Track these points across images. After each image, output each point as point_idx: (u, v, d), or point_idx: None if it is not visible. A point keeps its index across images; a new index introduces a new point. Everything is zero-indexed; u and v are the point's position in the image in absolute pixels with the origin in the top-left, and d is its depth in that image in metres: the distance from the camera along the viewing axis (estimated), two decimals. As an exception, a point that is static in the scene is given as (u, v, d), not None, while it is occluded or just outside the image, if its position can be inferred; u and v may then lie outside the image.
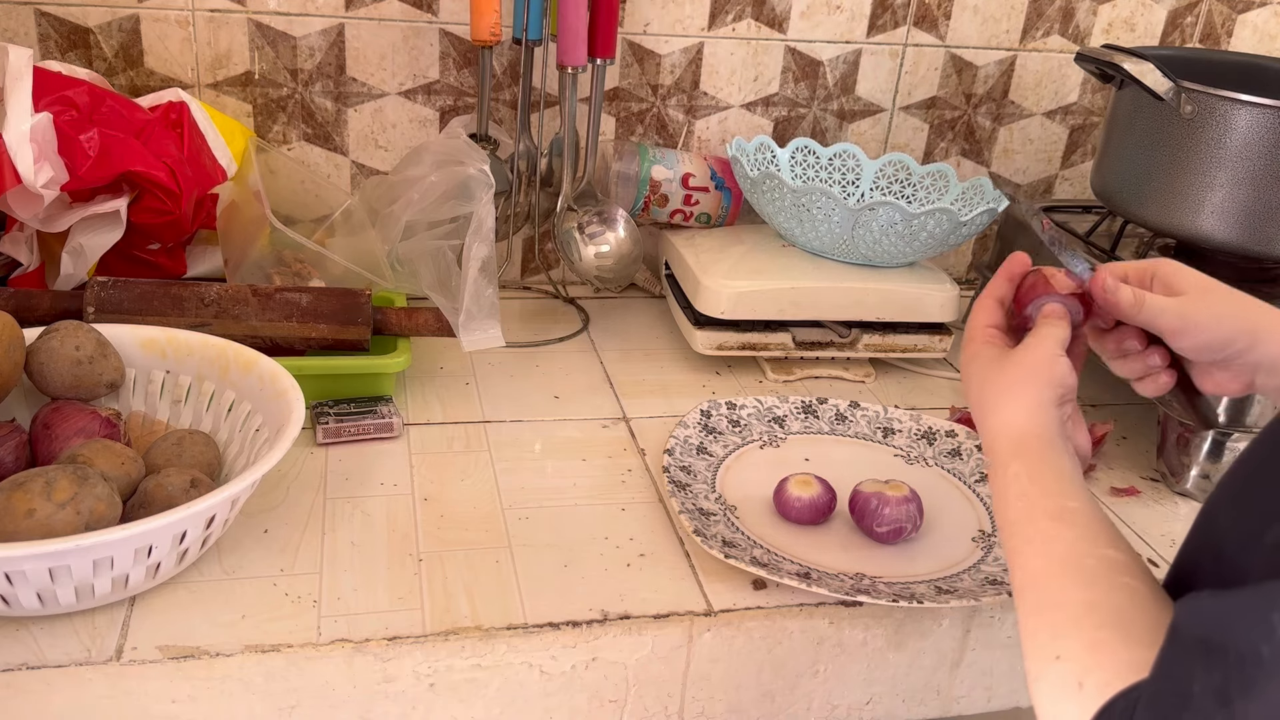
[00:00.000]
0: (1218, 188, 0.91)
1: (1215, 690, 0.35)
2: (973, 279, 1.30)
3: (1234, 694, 0.34)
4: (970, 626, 0.75)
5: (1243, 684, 0.34)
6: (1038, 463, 0.56)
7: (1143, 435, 0.98)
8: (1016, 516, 0.54)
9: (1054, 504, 0.53)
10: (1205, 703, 0.35)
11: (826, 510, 0.79)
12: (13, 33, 0.99)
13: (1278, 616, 0.34)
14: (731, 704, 0.73)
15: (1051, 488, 0.54)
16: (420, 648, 0.66)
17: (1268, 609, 0.34)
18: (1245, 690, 0.34)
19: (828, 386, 1.03)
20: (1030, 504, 0.54)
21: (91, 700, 0.62)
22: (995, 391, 0.61)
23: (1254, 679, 0.34)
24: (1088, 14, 1.22)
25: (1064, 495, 0.54)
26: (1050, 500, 0.54)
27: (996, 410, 0.60)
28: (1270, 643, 0.34)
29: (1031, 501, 0.54)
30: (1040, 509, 0.53)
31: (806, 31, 1.15)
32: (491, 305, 0.90)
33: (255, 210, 0.92)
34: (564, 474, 0.85)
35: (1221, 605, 0.37)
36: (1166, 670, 0.38)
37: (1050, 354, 0.61)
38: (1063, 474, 0.55)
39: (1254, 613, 0.35)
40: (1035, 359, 0.61)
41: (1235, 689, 0.34)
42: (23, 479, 0.62)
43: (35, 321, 0.81)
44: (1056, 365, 0.60)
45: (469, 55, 1.09)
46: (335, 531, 0.75)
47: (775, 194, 1.00)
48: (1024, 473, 0.56)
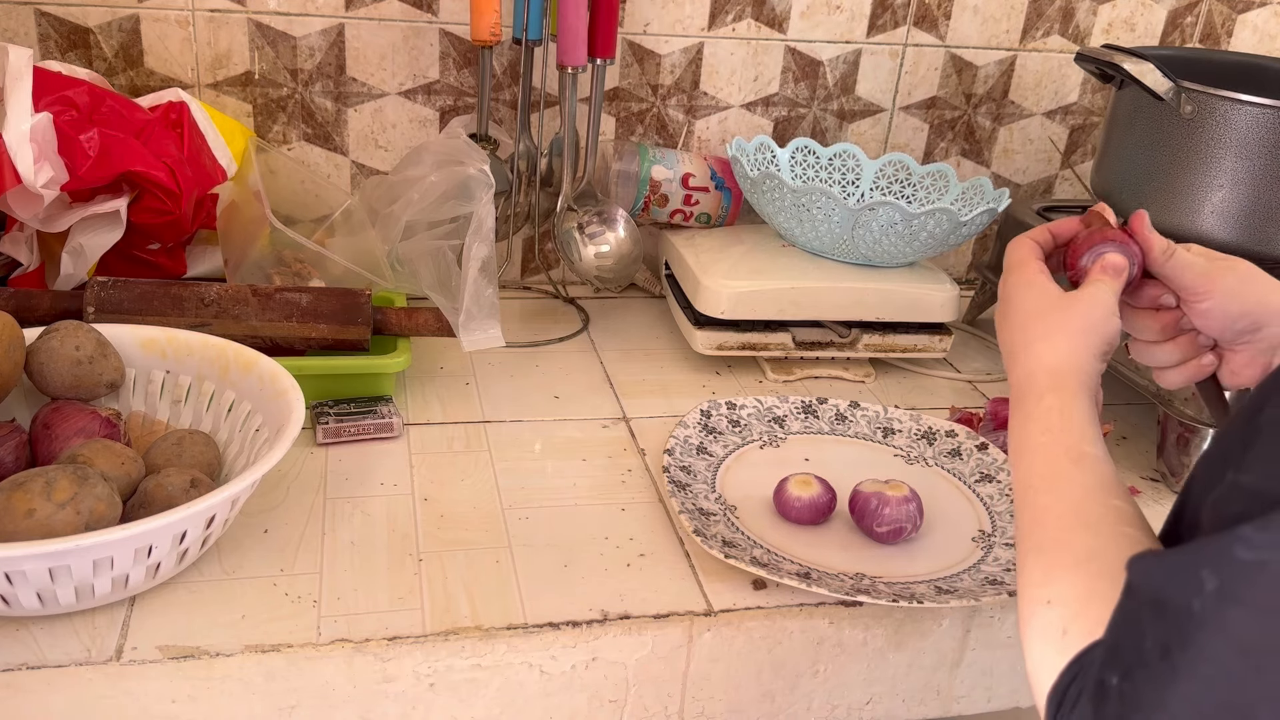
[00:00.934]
0: (1218, 188, 0.91)
1: (1160, 644, 0.37)
2: (973, 279, 1.30)
3: (1173, 646, 0.36)
4: (970, 626, 0.75)
5: (1180, 637, 0.36)
6: (1071, 401, 0.56)
7: (1143, 435, 0.98)
8: (1036, 450, 0.55)
9: (1075, 445, 0.54)
10: (1152, 656, 0.37)
11: (826, 510, 0.79)
12: (13, 33, 0.99)
13: (1207, 572, 0.36)
14: (731, 704, 0.73)
15: (1077, 429, 0.55)
16: (420, 648, 0.66)
17: (1199, 565, 0.36)
18: (1182, 643, 0.36)
19: (828, 386, 1.03)
20: (1054, 440, 0.55)
21: (91, 700, 0.62)
22: (1046, 325, 0.61)
23: (1188, 632, 0.36)
24: (1088, 14, 1.22)
25: (1085, 440, 0.54)
26: (1073, 440, 0.54)
27: (1044, 340, 0.60)
28: (1200, 597, 0.36)
29: (1055, 438, 0.55)
30: (1062, 448, 0.54)
31: (806, 31, 1.15)
32: (491, 305, 0.90)
33: (255, 210, 0.92)
34: (564, 474, 0.85)
35: (1164, 563, 0.39)
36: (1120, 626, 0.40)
37: (1109, 308, 0.61)
38: (1090, 420, 0.56)
39: (1188, 570, 0.37)
40: (1094, 308, 0.60)
41: (1174, 642, 0.36)
42: (23, 479, 0.62)
43: (35, 321, 0.81)
44: (1111, 321, 0.60)
45: (469, 55, 1.09)
46: (335, 531, 0.75)
47: (775, 194, 1.00)
48: (1056, 407, 0.56)
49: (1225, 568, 0.35)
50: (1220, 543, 0.36)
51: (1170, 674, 0.36)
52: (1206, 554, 0.36)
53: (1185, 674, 0.36)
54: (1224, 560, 0.36)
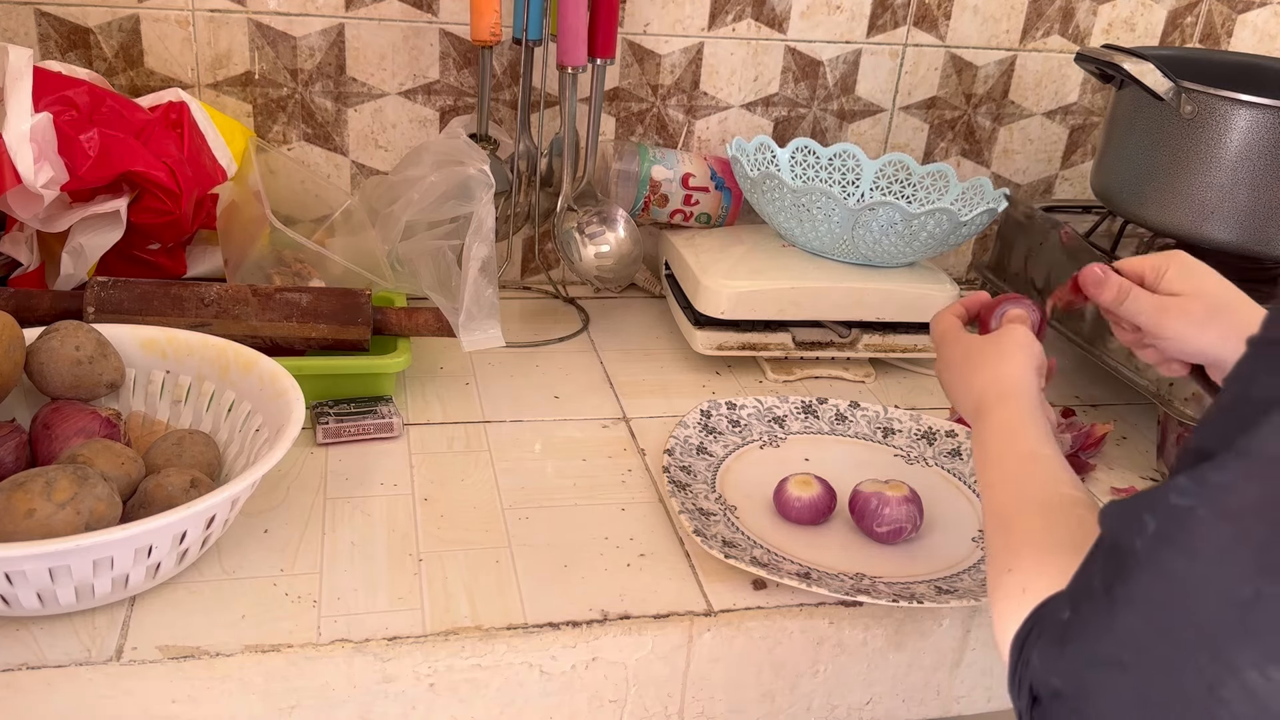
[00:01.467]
0: (1218, 188, 0.91)
1: (1104, 580, 0.41)
2: (973, 279, 1.30)
3: (1115, 582, 0.40)
4: (970, 626, 0.75)
5: (1121, 573, 0.40)
6: (1019, 411, 0.63)
7: (1143, 435, 0.98)
8: (994, 454, 0.61)
9: (1027, 448, 0.60)
10: (1098, 590, 0.41)
11: (826, 510, 0.79)
12: (13, 33, 0.99)
13: (1148, 516, 0.39)
14: (731, 704, 0.73)
15: (1029, 434, 0.61)
16: (420, 648, 0.66)
17: (1142, 510, 0.40)
18: (1123, 578, 0.40)
19: (828, 386, 1.03)
20: (1006, 444, 0.61)
21: (91, 700, 0.62)
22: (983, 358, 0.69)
23: (1128, 568, 0.40)
24: (1088, 14, 1.22)
25: (1037, 442, 0.61)
26: (1026, 444, 0.61)
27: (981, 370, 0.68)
28: (1142, 536, 0.39)
29: (1008, 443, 0.61)
30: (1014, 450, 0.61)
31: (806, 31, 1.15)
32: (491, 305, 0.90)
33: (255, 210, 0.92)
34: (564, 474, 0.85)
35: (1118, 508, 0.42)
36: (1082, 568, 0.44)
37: (1027, 335, 0.70)
38: (1039, 426, 0.62)
39: (1134, 513, 0.40)
40: (1015, 335, 0.70)
41: (1116, 578, 0.40)
42: (23, 479, 0.62)
43: (35, 321, 0.81)
44: (1034, 343, 0.69)
45: (469, 55, 1.09)
46: (335, 531, 0.75)
47: (775, 194, 1.00)
48: (1008, 419, 0.63)
49: (1162, 512, 0.39)
50: (1160, 490, 0.40)
51: (1112, 605, 0.40)
52: (1149, 500, 0.40)
53: (1125, 604, 0.39)
54: (1161, 506, 0.39)
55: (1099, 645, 0.40)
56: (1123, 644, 0.39)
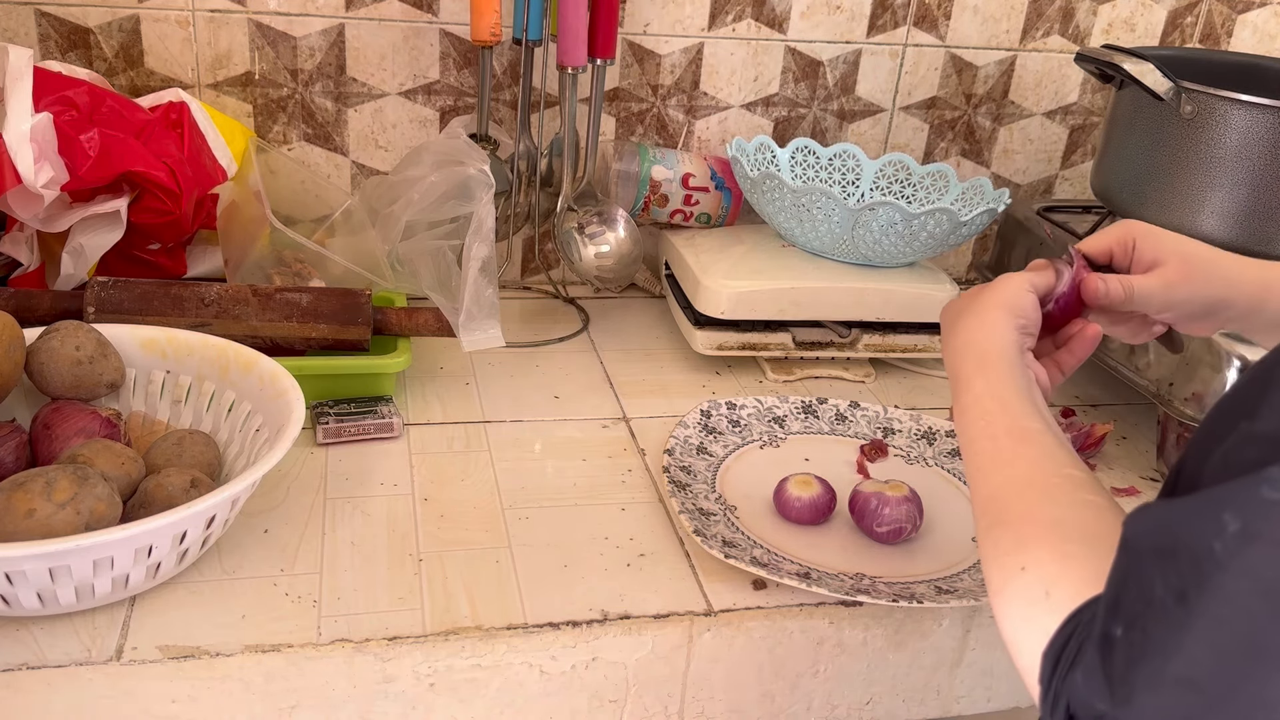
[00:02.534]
0: (1218, 188, 0.91)
1: (1173, 590, 0.36)
2: (973, 279, 1.30)
3: (1189, 590, 0.36)
4: (970, 626, 0.75)
5: (1198, 580, 0.36)
6: (999, 381, 0.57)
7: (1143, 435, 0.98)
8: (977, 434, 0.56)
9: (1015, 423, 0.55)
10: (1166, 601, 0.37)
11: (826, 510, 0.79)
12: (13, 33, 0.99)
13: (1229, 514, 0.35)
14: (731, 704, 0.73)
15: (1013, 407, 0.56)
16: (420, 648, 0.66)
17: (1219, 509, 0.36)
18: (1201, 585, 0.35)
19: (828, 386, 1.03)
20: (991, 422, 0.55)
21: (91, 700, 0.62)
22: (960, 315, 0.63)
23: (1208, 574, 0.35)
24: (1088, 14, 1.22)
25: (1024, 415, 0.55)
26: (1011, 419, 0.55)
27: (960, 330, 0.62)
28: (1222, 539, 0.35)
29: (993, 419, 0.55)
30: (1001, 427, 0.55)
31: (806, 31, 1.15)
32: (491, 305, 0.90)
33: (255, 210, 0.92)
34: (564, 474, 0.85)
35: (1172, 512, 0.38)
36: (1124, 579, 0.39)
37: (1016, 286, 0.63)
38: (1023, 394, 0.57)
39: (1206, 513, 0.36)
40: (1000, 288, 0.63)
41: (1190, 585, 0.36)
42: (23, 479, 0.62)
43: (35, 321, 0.81)
44: (1021, 297, 0.62)
45: (469, 55, 1.09)
46: (335, 531, 0.75)
47: (775, 194, 1.00)
48: (986, 391, 0.57)
49: (1250, 508, 0.35)
50: (1244, 485, 0.35)
51: (1186, 617, 0.36)
52: (1228, 497, 0.36)
53: (1201, 616, 0.35)
54: (1249, 501, 0.35)
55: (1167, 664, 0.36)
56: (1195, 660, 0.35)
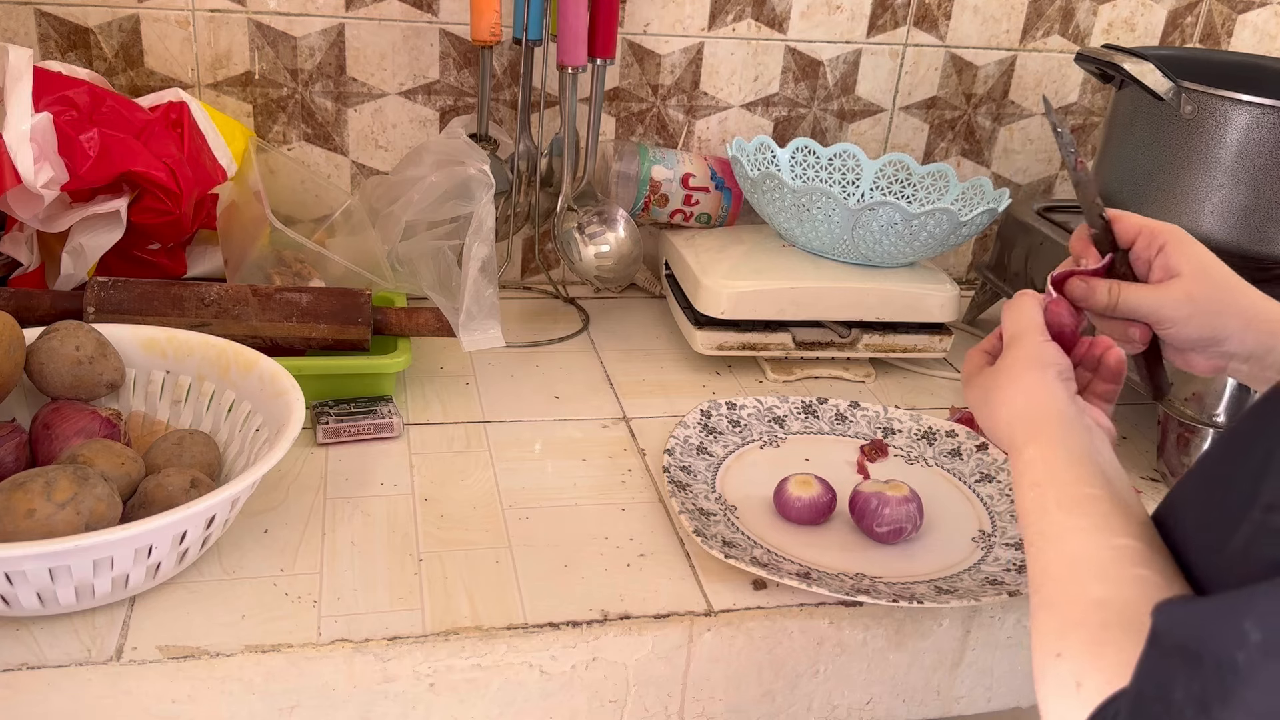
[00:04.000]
0: (1218, 188, 0.91)
1: (1195, 698, 0.35)
2: (973, 279, 1.30)
3: (1212, 702, 0.35)
4: (970, 626, 0.75)
5: (1221, 692, 0.35)
6: (1051, 446, 0.55)
7: (1143, 435, 0.98)
8: (1029, 507, 0.53)
9: (1066, 493, 0.52)
10: (1187, 710, 0.36)
11: (826, 510, 0.79)
12: (13, 33, 0.99)
13: (1250, 624, 0.34)
14: (731, 704, 0.73)
15: (1064, 474, 0.53)
16: (420, 648, 0.66)
17: (1240, 616, 0.35)
18: (1224, 699, 0.35)
19: (828, 386, 1.03)
20: (1042, 494, 0.53)
21: (91, 700, 0.62)
22: (993, 390, 0.61)
23: (1230, 687, 0.34)
24: (1088, 14, 1.22)
25: (1079, 481, 0.52)
26: (1062, 489, 0.52)
27: (1003, 404, 0.60)
28: (1244, 650, 0.34)
29: (1043, 491, 0.53)
30: (1052, 499, 0.52)
31: (806, 31, 1.15)
32: (491, 305, 0.90)
33: (255, 210, 0.92)
34: (564, 474, 0.85)
35: (1197, 612, 0.38)
36: (1147, 676, 0.38)
37: (1033, 342, 0.61)
38: (1078, 457, 0.54)
39: (1228, 621, 0.35)
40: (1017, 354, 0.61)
41: (1214, 697, 0.35)
42: (23, 479, 0.62)
43: (35, 321, 0.81)
44: (1044, 349, 0.61)
45: (469, 55, 1.09)
46: (335, 531, 0.75)
47: (775, 194, 1.00)
48: (1038, 458, 0.55)
49: (1271, 619, 0.34)
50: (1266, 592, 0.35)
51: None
52: (1250, 604, 0.35)
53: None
54: (1271, 612, 0.34)
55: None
56: None
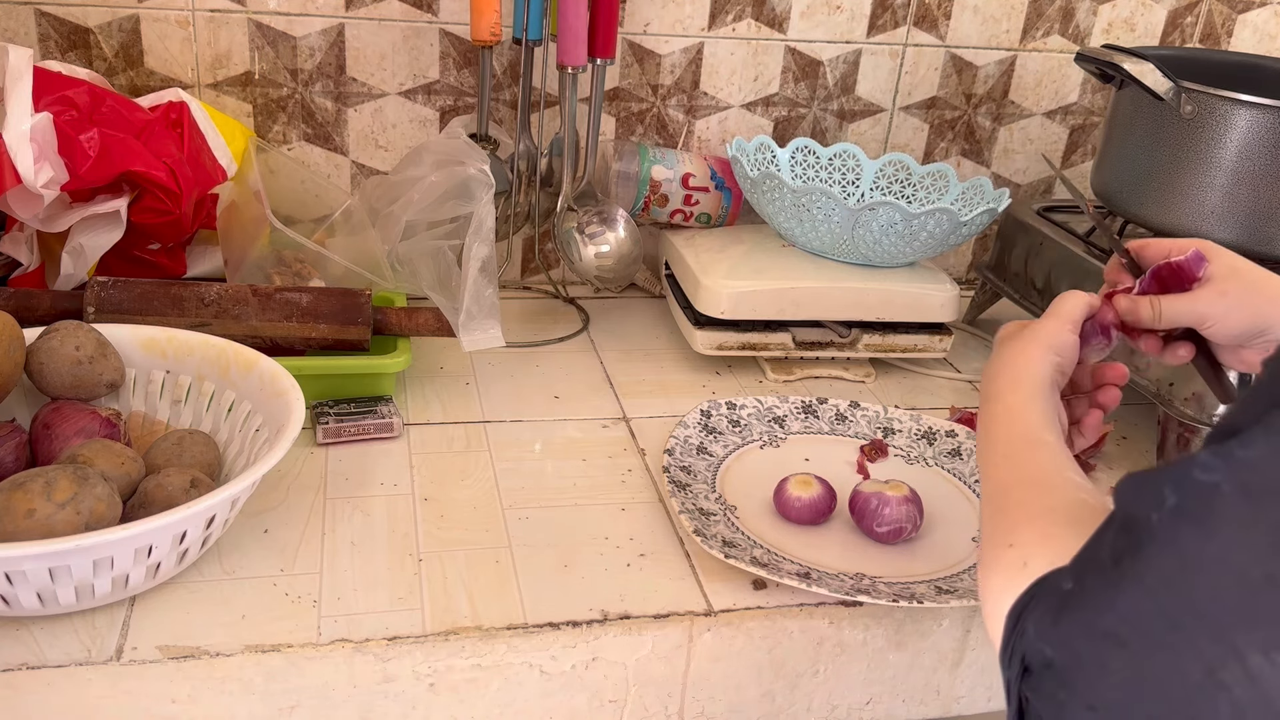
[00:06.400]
0: (1218, 188, 0.91)
1: (1114, 551, 0.40)
2: (973, 279, 1.30)
3: (1124, 554, 0.39)
4: (970, 626, 0.75)
5: (1133, 546, 0.39)
6: (1025, 400, 0.62)
7: (1143, 435, 0.98)
8: (996, 437, 0.60)
9: (1032, 434, 0.59)
10: (1105, 561, 0.40)
11: (826, 510, 0.79)
12: (13, 33, 0.99)
13: (1169, 489, 0.38)
14: (731, 704, 0.73)
15: (1034, 421, 0.60)
16: (420, 648, 0.66)
17: (1163, 483, 0.39)
18: (1134, 552, 0.39)
19: (828, 386, 1.03)
20: (1010, 429, 0.60)
21: (91, 700, 0.62)
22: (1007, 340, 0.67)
23: (1142, 542, 0.39)
24: (1088, 14, 1.22)
25: (1042, 429, 0.59)
26: (1029, 430, 0.59)
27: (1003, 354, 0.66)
28: (1160, 510, 0.38)
29: (1012, 428, 0.60)
30: (1019, 434, 0.59)
31: (806, 31, 1.15)
32: (491, 305, 0.90)
33: (255, 210, 0.92)
34: (564, 474, 0.85)
35: (1135, 480, 0.42)
36: (1091, 541, 0.43)
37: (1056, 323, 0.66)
38: (1046, 415, 0.61)
39: (1153, 485, 0.39)
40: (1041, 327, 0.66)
41: (1127, 551, 0.39)
42: (23, 479, 0.62)
43: (35, 321, 0.81)
44: (1062, 335, 0.65)
45: (469, 55, 1.09)
46: (335, 531, 0.75)
47: (775, 194, 1.00)
48: (1014, 404, 0.62)
49: (1184, 487, 0.38)
50: (1183, 464, 0.38)
51: (1119, 579, 0.39)
52: (1171, 474, 0.39)
53: (1133, 580, 0.38)
54: (1183, 480, 0.38)
55: (1099, 618, 0.39)
56: (1124, 619, 0.38)
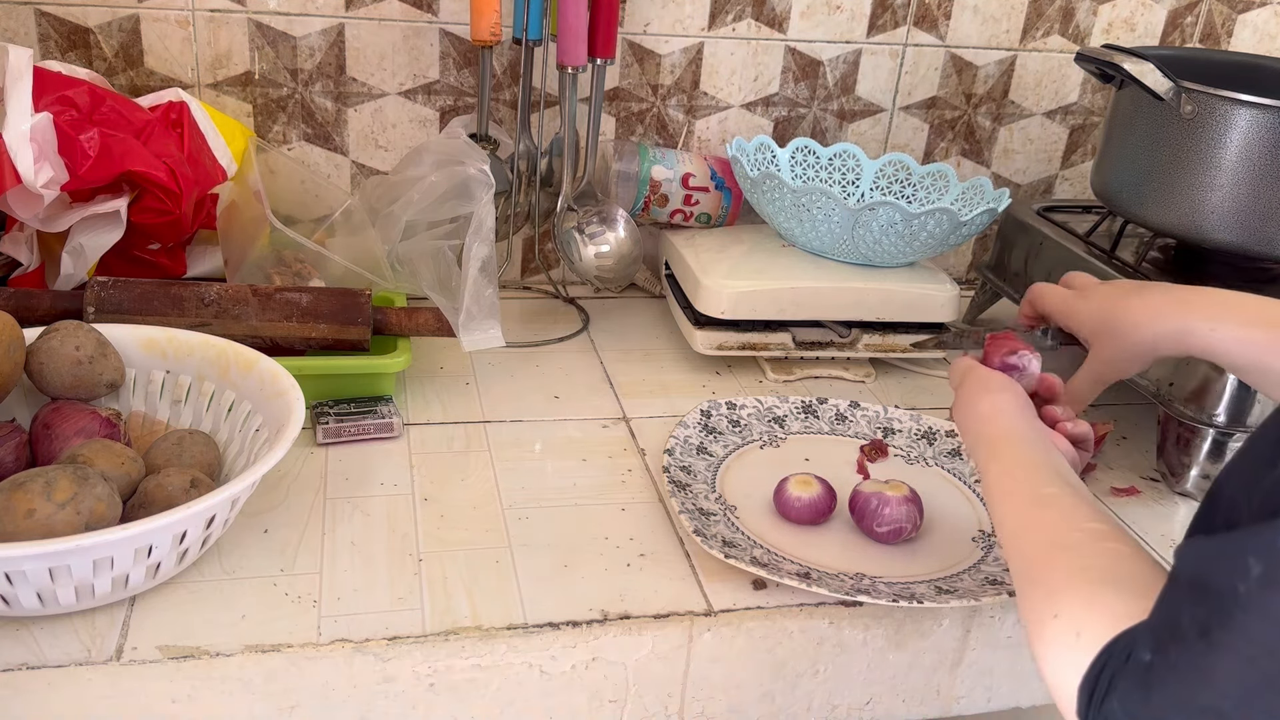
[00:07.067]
0: (1218, 188, 0.91)
1: (1198, 623, 0.39)
2: (973, 279, 1.30)
3: (1213, 626, 0.39)
4: (970, 626, 0.75)
5: (1221, 618, 0.38)
6: (1012, 461, 0.62)
7: (1143, 435, 0.98)
8: (1003, 511, 0.60)
9: (1035, 492, 0.59)
10: (1190, 634, 0.39)
11: (826, 510, 0.79)
12: (13, 33, 0.99)
13: (1253, 559, 0.38)
14: (731, 704, 0.73)
15: (1027, 482, 0.60)
16: (420, 648, 0.66)
17: (1244, 550, 0.38)
18: (1223, 623, 0.38)
19: (828, 386, 1.03)
20: (1007, 498, 0.60)
21: (91, 700, 0.62)
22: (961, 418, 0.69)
23: (1230, 613, 0.38)
24: (1088, 14, 1.22)
25: (1041, 484, 0.59)
26: (1028, 493, 0.59)
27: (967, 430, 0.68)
28: (1246, 581, 0.38)
29: (1009, 496, 0.60)
30: (1020, 498, 0.59)
31: (806, 31, 1.15)
32: (491, 305, 0.90)
33: (255, 210, 0.92)
34: (564, 474, 0.85)
35: (1209, 547, 0.41)
36: (1162, 608, 0.42)
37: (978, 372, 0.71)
38: (1036, 464, 0.61)
39: (1234, 553, 0.39)
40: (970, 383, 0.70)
41: (1214, 622, 0.39)
42: (23, 479, 0.62)
43: (35, 321, 0.81)
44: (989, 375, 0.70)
45: (469, 55, 1.09)
46: (335, 531, 0.75)
47: (775, 194, 1.00)
48: (1003, 473, 0.62)
49: (1270, 555, 0.37)
50: (1266, 530, 0.38)
51: (1208, 651, 0.38)
52: (1253, 541, 0.38)
53: (1226, 651, 0.38)
54: (1269, 549, 0.37)
55: (1196, 693, 0.39)
56: (1223, 693, 0.38)
